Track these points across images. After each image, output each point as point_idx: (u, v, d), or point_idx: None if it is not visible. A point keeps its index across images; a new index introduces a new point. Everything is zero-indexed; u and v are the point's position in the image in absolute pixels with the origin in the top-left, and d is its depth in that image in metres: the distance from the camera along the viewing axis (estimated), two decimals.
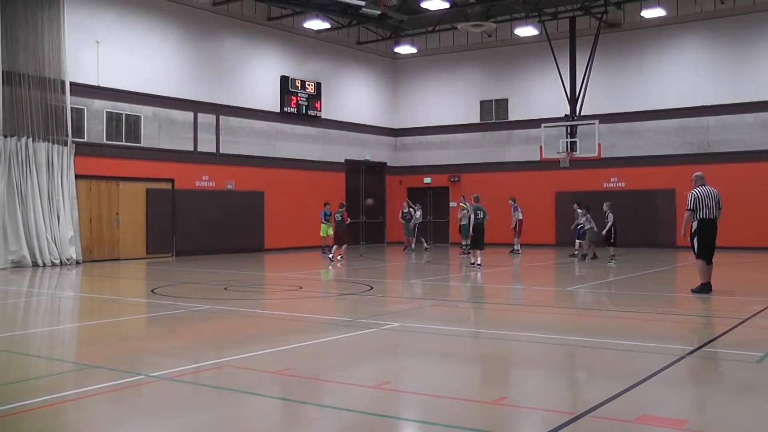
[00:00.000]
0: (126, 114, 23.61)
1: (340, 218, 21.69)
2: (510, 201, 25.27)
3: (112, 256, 23.24)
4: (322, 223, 25.36)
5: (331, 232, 23.07)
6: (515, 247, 25.13)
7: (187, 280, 17.19)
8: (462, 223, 24.47)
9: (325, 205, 25.26)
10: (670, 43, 28.41)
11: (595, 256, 21.92)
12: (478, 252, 19.51)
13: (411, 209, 28.29)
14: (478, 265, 19.15)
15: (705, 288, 13.33)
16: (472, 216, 19.62)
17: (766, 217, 25.93)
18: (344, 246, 21.77)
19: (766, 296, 12.33)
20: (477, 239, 19.63)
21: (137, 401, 6.50)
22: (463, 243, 24.90)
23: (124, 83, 23.51)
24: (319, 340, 9.19)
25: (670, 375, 7.24)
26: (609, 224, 20.92)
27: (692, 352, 8.30)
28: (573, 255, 22.99)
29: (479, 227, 19.55)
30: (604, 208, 21.13)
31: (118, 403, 6.41)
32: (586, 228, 21.89)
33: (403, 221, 28.29)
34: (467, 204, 23.07)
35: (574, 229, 23.77)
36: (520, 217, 25.01)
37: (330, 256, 21.62)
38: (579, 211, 22.29)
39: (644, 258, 22.60)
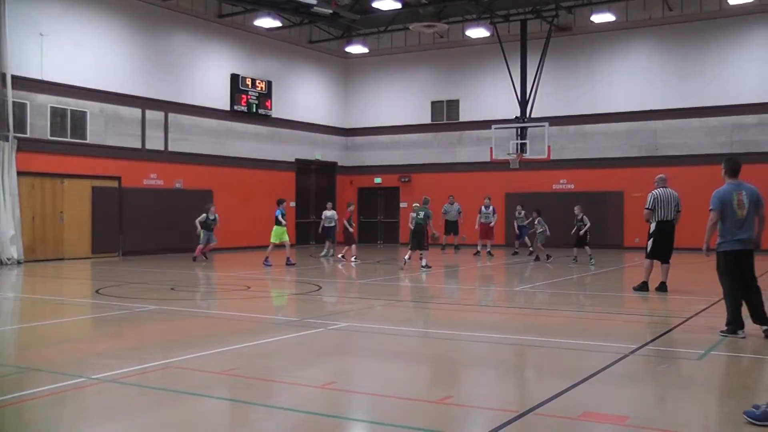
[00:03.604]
0: (71, 109, 23.14)
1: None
2: (486, 200, 25.18)
3: (56, 255, 22.75)
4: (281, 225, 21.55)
5: (286, 237, 21.37)
6: (487, 249, 24.82)
7: (133, 280, 16.93)
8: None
9: (280, 203, 22.02)
10: (619, 48, 28.89)
11: (548, 257, 22.16)
12: (420, 253, 19.27)
13: (207, 214, 22.86)
14: (428, 266, 19.10)
15: (645, 286, 13.91)
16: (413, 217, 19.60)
17: None
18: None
19: (709, 296, 12.61)
20: (414, 240, 19.46)
21: (80, 405, 6.38)
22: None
23: (70, 78, 23.02)
24: (266, 340, 9.14)
25: (613, 372, 7.36)
26: (586, 227, 21.08)
27: (636, 350, 8.44)
28: (530, 254, 23.58)
29: (418, 228, 19.34)
30: (576, 211, 21.31)
31: (59, 406, 6.27)
32: (538, 231, 22.27)
33: (200, 227, 22.76)
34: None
35: (518, 230, 24.91)
36: (490, 220, 24.86)
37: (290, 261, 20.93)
38: (537, 219, 22.49)
39: (588, 263, 22.89)
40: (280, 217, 21.37)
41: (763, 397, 5.78)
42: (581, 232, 21.18)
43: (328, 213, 24.43)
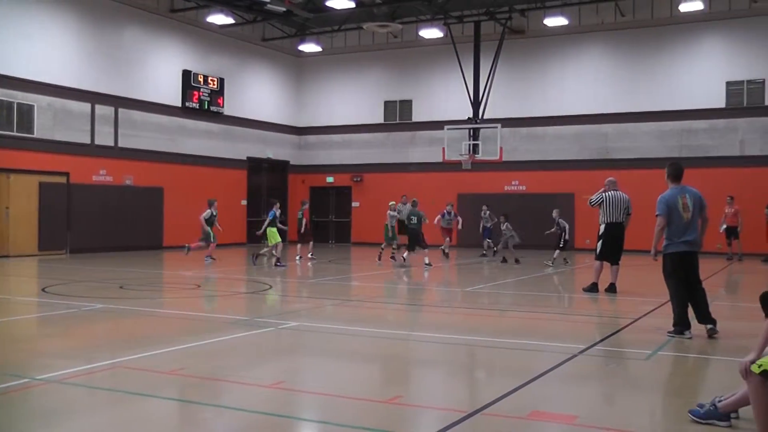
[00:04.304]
0: (18, 102, 22.60)
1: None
2: (448, 206, 25.06)
3: (1, 252, 22.18)
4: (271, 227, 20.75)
5: (279, 238, 20.49)
6: (443, 248, 24.76)
7: (80, 278, 16.63)
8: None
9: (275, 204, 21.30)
10: (571, 52, 29.24)
11: (517, 261, 22.14)
12: (424, 251, 20.59)
13: (212, 210, 21.94)
14: (429, 264, 20.19)
15: (595, 287, 14.09)
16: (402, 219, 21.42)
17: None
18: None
19: (657, 297, 12.81)
20: (411, 242, 20.73)
21: (24, 406, 6.22)
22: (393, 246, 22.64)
23: (17, 70, 22.46)
24: (215, 340, 9.04)
25: (562, 372, 7.44)
26: (555, 229, 21.18)
27: (585, 350, 8.54)
28: (483, 255, 23.78)
29: (411, 231, 20.64)
30: (554, 214, 21.45)
31: (2, 409, 6.11)
32: (508, 236, 22.37)
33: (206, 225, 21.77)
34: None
35: (482, 231, 24.73)
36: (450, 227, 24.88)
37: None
38: (505, 224, 22.51)
39: (544, 259, 23.11)
40: (275, 219, 20.81)
41: (707, 396, 5.90)
42: (546, 232, 21.32)
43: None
